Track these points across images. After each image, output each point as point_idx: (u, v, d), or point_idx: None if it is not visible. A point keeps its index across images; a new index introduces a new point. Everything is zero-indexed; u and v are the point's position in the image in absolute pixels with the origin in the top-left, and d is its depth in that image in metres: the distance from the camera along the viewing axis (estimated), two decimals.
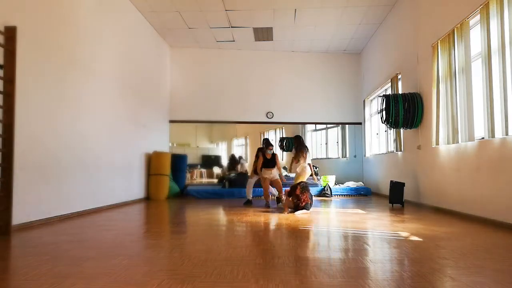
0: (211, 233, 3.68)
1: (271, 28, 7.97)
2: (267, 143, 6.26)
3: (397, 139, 6.82)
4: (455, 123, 4.67)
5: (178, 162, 8.32)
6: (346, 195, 8.12)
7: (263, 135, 9.97)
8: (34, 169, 4.02)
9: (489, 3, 3.92)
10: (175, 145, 9.41)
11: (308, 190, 5.25)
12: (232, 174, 8.94)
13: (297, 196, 5.13)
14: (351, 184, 8.56)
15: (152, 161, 7.54)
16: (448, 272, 2.22)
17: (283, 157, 9.87)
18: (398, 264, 2.45)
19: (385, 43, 7.59)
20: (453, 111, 4.71)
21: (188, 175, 9.20)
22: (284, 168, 9.26)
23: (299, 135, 6.93)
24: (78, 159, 4.90)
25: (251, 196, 6.57)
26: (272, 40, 8.67)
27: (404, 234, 3.46)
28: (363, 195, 8.09)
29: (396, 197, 5.78)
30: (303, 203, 5.08)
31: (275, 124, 9.63)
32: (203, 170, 9.77)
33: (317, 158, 9.83)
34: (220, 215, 5.21)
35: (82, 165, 5.01)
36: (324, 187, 7.99)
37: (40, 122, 4.15)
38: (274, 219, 4.55)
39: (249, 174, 6.95)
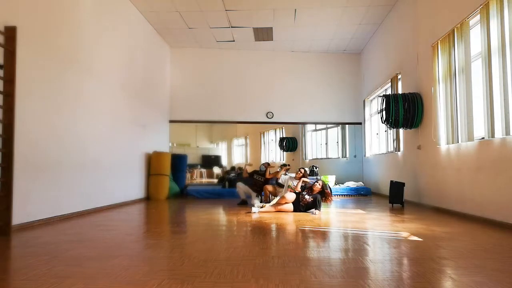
0: (211, 233, 3.68)
1: (271, 28, 7.97)
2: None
3: (397, 139, 6.82)
4: (455, 123, 4.67)
5: (178, 162, 8.32)
6: (346, 195, 8.12)
7: (263, 135, 9.97)
8: (34, 169, 4.02)
9: (489, 3, 3.92)
10: (175, 145, 9.41)
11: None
12: (232, 174, 8.94)
13: (322, 193, 5.25)
14: (351, 184, 8.56)
15: (152, 161, 7.54)
16: (448, 272, 2.22)
17: (283, 158, 9.87)
18: (398, 264, 2.45)
19: (385, 43, 7.59)
20: (453, 111, 4.71)
21: (188, 175, 9.20)
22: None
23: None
24: (78, 159, 4.90)
25: (245, 196, 6.53)
26: (272, 40, 8.67)
27: (404, 234, 3.46)
28: (363, 195, 8.08)
29: (396, 197, 5.78)
30: (330, 200, 5.28)
31: (275, 124, 9.63)
32: (203, 170, 9.78)
33: (317, 158, 9.84)
34: (220, 215, 5.21)
35: (82, 165, 5.01)
36: None
37: (40, 122, 4.15)
38: (274, 219, 4.54)
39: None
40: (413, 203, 6.01)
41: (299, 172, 5.81)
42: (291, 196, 5.28)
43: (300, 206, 5.26)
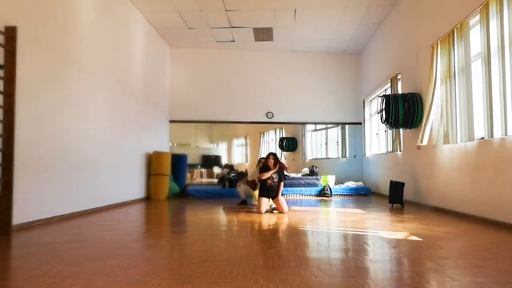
0: (211, 233, 3.68)
1: (271, 28, 7.97)
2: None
3: (396, 139, 6.82)
4: (455, 123, 4.67)
5: (178, 162, 8.32)
6: (346, 195, 8.12)
7: (263, 135, 9.97)
8: (34, 169, 4.02)
9: (489, 3, 3.92)
10: (175, 145, 9.41)
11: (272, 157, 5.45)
12: (232, 174, 8.94)
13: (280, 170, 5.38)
14: (351, 184, 8.55)
15: (152, 161, 7.54)
16: (448, 272, 2.22)
17: (281, 156, 9.87)
18: (398, 264, 2.45)
19: (385, 43, 7.59)
20: (453, 111, 4.72)
21: (188, 175, 9.19)
22: None
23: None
24: (78, 159, 4.90)
25: (245, 196, 6.50)
26: (272, 40, 8.67)
27: (404, 234, 3.46)
28: (363, 195, 8.08)
29: (396, 197, 5.78)
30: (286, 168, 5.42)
31: (275, 124, 9.63)
32: (203, 170, 9.78)
33: (317, 158, 9.84)
34: (220, 215, 5.21)
35: (82, 165, 5.01)
36: (324, 187, 8.00)
37: (40, 122, 4.15)
38: (273, 220, 4.55)
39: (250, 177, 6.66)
40: (413, 203, 6.01)
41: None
42: (284, 202, 5.33)
43: (270, 191, 5.33)
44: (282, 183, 5.41)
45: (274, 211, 5.34)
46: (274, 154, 5.49)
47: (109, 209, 5.55)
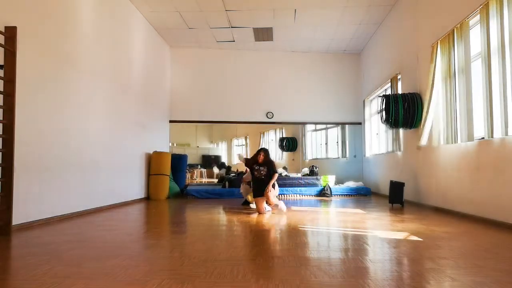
0: (211, 233, 3.68)
1: (271, 28, 7.97)
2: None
3: (396, 139, 6.82)
4: (455, 123, 4.67)
5: (178, 162, 8.32)
6: (346, 195, 8.11)
7: (263, 135, 9.97)
8: (34, 169, 4.02)
9: (489, 3, 3.92)
10: (175, 145, 9.41)
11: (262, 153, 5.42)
12: (232, 174, 8.94)
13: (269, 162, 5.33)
14: (351, 184, 8.55)
15: (152, 161, 7.54)
16: (448, 272, 2.22)
17: (282, 157, 9.87)
18: (398, 264, 2.45)
19: (385, 43, 7.59)
20: (453, 111, 4.72)
21: (188, 175, 9.20)
22: (284, 168, 9.26)
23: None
24: (78, 159, 4.90)
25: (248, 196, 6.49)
26: (272, 40, 8.67)
27: (404, 234, 3.46)
28: (363, 195, 8.08)
29: (396, 197, 5.78)
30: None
31: (275, 124, 9.63)
32: (203, 170, 9.79)
33: (317, 158, 9.84)
34: (220, 215, 5.21)
35: (82, 165, 5.00)
36: (324, 187, 7.99)
37: (40, 122, 4.15)
38: (274, 220, 4.55)
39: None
40: (413, 203, 6.01)
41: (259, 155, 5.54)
42: (275, 199, 5.30)
43: (262, 186, 5.25)
44: (275, 175, 5.30)
45: (268, 206, 5.32)
46: (265, 150, 5.47)
47: (109, 209, 5.55)
